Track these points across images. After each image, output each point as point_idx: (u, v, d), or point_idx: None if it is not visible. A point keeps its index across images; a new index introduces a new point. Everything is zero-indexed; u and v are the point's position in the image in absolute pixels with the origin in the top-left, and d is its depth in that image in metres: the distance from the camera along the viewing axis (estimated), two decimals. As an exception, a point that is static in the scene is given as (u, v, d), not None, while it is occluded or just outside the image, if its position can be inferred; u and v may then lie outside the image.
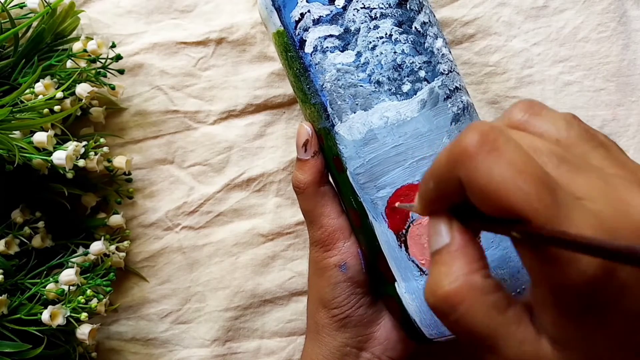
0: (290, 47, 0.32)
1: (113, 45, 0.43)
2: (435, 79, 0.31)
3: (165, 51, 0.46)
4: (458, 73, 0.34)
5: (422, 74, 0.31)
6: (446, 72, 0.32)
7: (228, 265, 0.46)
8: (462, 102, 0.32)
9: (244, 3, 0.45)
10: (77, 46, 0.43)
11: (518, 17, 0.44)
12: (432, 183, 0.21)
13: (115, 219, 0.45)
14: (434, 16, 0.34)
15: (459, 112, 0.32)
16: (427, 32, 0.32)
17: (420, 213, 0.23)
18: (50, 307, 0.38)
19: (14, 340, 0.38)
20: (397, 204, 0.31)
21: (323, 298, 0.35)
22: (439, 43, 0.32)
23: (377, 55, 0.31)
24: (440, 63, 0.32)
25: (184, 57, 0.46)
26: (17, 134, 0.39)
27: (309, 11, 0.31)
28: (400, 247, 0.31)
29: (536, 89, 0.44)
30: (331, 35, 0.31)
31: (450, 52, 0.34)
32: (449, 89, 0.32)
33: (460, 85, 0.33)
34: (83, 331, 0.39)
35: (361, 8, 0.30)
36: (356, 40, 0.31)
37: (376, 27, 0.31)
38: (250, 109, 0.46)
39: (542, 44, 0.44)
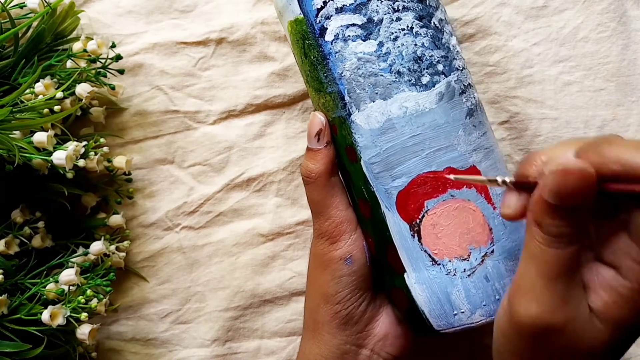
0: (309, 35, 0.32)
1: (113, 45, 0.43)
2: (452, 73, 0.32)
3: (165, 51, 0.46)
4: (469, 71, 0.34)
5: (440, 67, 0.32)
6: (460, 69, 0.33)
7: (228, 265, 0.46)
8: (474, 98, 0.33)
9: (244, 3, 0.45)
10: (77, 46, 0.43)
11: (518, 17, 0.44)
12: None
13: (115, 219, 0.45)
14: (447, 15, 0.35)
15: (472, 107, 0.33)
16: (444, 29, 0.33)
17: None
18: (50, 307, 0.38)
19: (14, 340, 0.38)
20: (452, 177, 0.31)
21: (325, 293, 0.34)
22: (453, 40, 0.33)
23: (399, 47, 0.31)
24: (456, 59, 0.33)
25: (184, 57, 0.46)
26: (17, 134, 0.39)
27: None
28: (413, 237, 0.32)
29: (536, 89, 0.44)
30: (354, 24, 0.31)
31: (461, 50, 0.34)
32: (464, 85, 0.33)
33: (471, 82, 0.34)
34: (83, 331, 0.39)
35: None
36: (379, 30, 0.31)
37: (398, 19, 0.31)
38: (250, 109, 0.46)
39: (542, 44, 0.44)
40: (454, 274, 0.31)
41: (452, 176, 0.31)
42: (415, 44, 0.31)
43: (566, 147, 0.26)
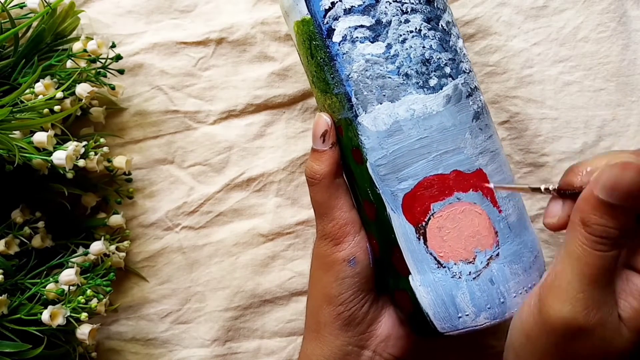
0: (316, 35, 0.32)
1: (113, 45, 0.43)
2: (459, 76, 0.32)
3: (165, 51, 0.46)
4: (475, 74, 0.34)
5: (447, 70, 0.32)
6: (467, 71, 0.33)
7: (228, 265, 0.46)
8: (480, 100, 0.33)
9: (244, 3, 0.45)
10: (77, 46, 0.43)
11: (518, 17, 0.44)
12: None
13: (115, 219, 0.45)
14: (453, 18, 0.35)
15: (478, 110, 0.33)
16: (451, 31, 0.33)
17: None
18: (50, 307, 0.38)
19: (14, 340, 0.38)
20: (492, 185, 0.31)
21: (328, 294, 0.34)
22: (460, 43, 0.33)
23: (407, 49, 0.31)
24: (463, 62, 0.33)
25: (184, 57, 0.46)
26: (17, 134, 0.39)
27: (340, 0, 0.31)
28: (419, 239, 0.32)
29: (536, 89, 0.44)
30: (362, 26, 0.31)
31: (467, 53, 0.34)
32: (470, 87, 0.33)
33: (477, 85, 0.34)
34: (83, 331, 0.39)
35: (393, 1, 0.31)
36: (387, 32, 0.31)
37: (407, 21, 0.31)
38: (250, 109, 0.46)
39: (542, 44, 0.44)
40: (459, 277, 0.31)
41: (491, 185, 0.31)
42: (423, 47, 0.31)
43: (613, 156, 0.26)
